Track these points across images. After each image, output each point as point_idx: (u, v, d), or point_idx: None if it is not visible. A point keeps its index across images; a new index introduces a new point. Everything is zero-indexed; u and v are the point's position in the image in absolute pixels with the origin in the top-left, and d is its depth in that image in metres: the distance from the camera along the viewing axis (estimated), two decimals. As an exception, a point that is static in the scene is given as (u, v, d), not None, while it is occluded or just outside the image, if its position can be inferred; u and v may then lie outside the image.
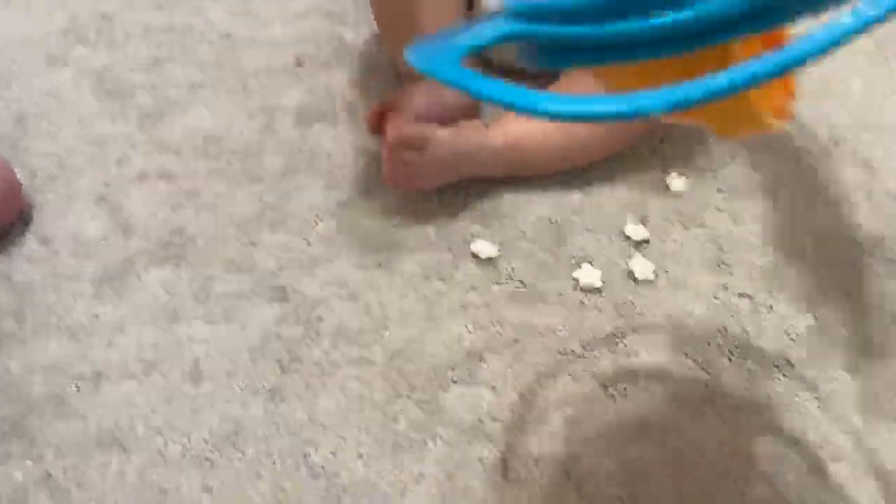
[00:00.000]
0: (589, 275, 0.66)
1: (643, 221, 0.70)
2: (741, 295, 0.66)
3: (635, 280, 0.66)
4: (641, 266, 0.67)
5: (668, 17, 0.22)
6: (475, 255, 0.68)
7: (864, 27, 0.20)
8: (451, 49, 0.25)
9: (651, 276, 0.66)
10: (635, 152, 0.75)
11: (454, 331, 0.63)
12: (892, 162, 0.77)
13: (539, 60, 0.25)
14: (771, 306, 0.65)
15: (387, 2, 0.75)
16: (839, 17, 0.20)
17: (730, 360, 0.62)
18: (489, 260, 0.67)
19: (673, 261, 0.68)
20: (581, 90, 0.23)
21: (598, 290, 0.66)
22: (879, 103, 0.82)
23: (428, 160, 0.67)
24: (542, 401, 0.59)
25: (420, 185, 0.70)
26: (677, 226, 0.70)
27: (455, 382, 0.60)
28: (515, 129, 0.71)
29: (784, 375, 0.61)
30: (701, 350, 0.62)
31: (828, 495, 0.55)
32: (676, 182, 0.73)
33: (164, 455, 0.56)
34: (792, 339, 0.63)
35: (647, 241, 0.69)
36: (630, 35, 0.22)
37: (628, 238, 0.69)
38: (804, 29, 0.23)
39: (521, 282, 0.66)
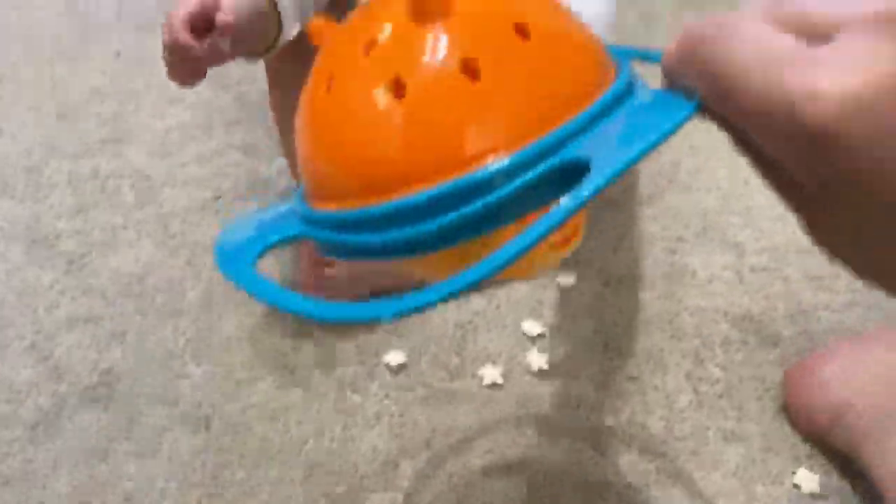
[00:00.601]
0: (491, 372, 0.72)
1: (538, 317, 0.77)
2: (629, 378, 0.72)
3: (533, 373, 0.72)
4: (538, 359, 0.73)
5: (432, 224, 0.27)
6: (387, 365, 0.73)
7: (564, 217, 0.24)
8: (246, 251, 0.29)
9: (546, 368, 0.73)
10: (528, 254, 0.82)
11: (370, 441, 0.68)
12: (758, 243, 0.85)
13: (327, 255, 0.30)
14: (656, 386, 0.72)
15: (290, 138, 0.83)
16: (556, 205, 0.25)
17: (622, 440, 0.68)
18: (401, 368, 0.73)
19: (566, 351, 0.74)
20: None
21: (500, 386, 0.72)
22: (742, 189, 0.91)
23: (341, 274, 0.74)
24: (453, 498, 0.64)
25: (335, 299, 0.76)
26: (568, 318, 0.77)
27: (373, 491, 0.64)
28: None
29: (672, 449, 0.67)
30: (595, 434, 0.68)
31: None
32: (565, 279, 0.80)
33: (99, 591, 0.59)
34: (675, 415, 0.69)
35: (542, 335, 0.76)
36: (406, 240, 0.28)
37: (525, 334, 0.76)
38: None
39: (431, 386, 0.72)
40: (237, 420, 0.69)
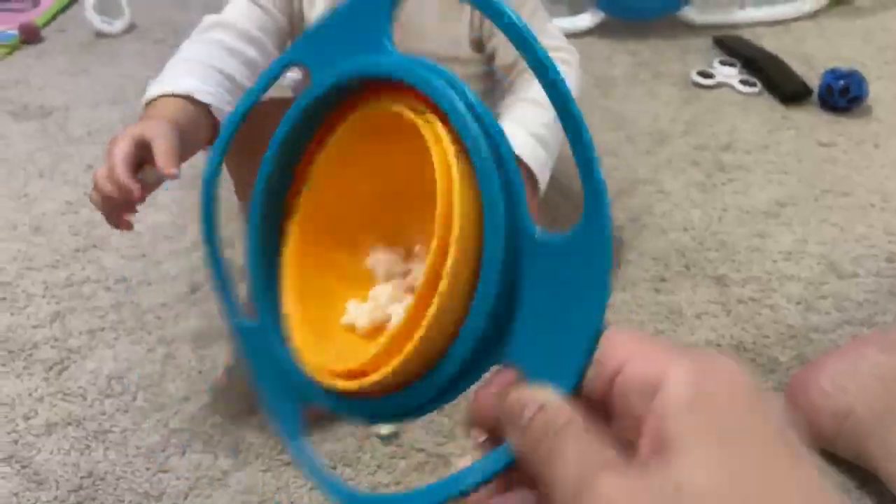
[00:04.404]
0: (486, 431, 0.70)
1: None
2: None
3: (529, 427, 0.70)
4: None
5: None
6: (378, 435, 0.71)
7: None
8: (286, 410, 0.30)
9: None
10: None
11: (366, 513, 0.65)
12: (738, 274, 0.85)
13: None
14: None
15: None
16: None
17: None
18: (392, 436, 0.71)
19: (560, 402, 0.72)
20: None
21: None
22: (716, 226, 0.92)
23: None
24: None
25: None
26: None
27: (373, 564, 0.61)
28: None
29: None
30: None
31: None
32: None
33: None
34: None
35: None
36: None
37: (517, 389, 0.74)
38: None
39: (424, 451, 0.69)
40: (226, 507, 0.66)
